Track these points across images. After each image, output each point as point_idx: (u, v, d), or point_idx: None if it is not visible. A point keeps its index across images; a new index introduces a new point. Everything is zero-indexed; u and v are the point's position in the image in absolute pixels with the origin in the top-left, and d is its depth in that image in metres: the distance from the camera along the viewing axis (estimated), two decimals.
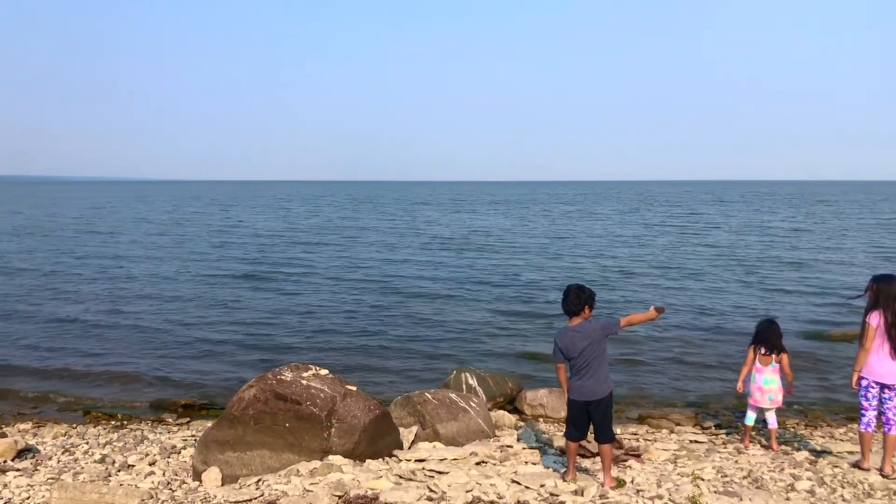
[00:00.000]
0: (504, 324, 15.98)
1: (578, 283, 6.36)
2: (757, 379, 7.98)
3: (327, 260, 27.69)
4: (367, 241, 35.37)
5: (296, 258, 28.33)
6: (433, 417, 8.26)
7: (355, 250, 31.13)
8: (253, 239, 37.11)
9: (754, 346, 8.01)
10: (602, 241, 35.90)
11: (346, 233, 41.27)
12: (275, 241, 36.20)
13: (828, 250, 30.31)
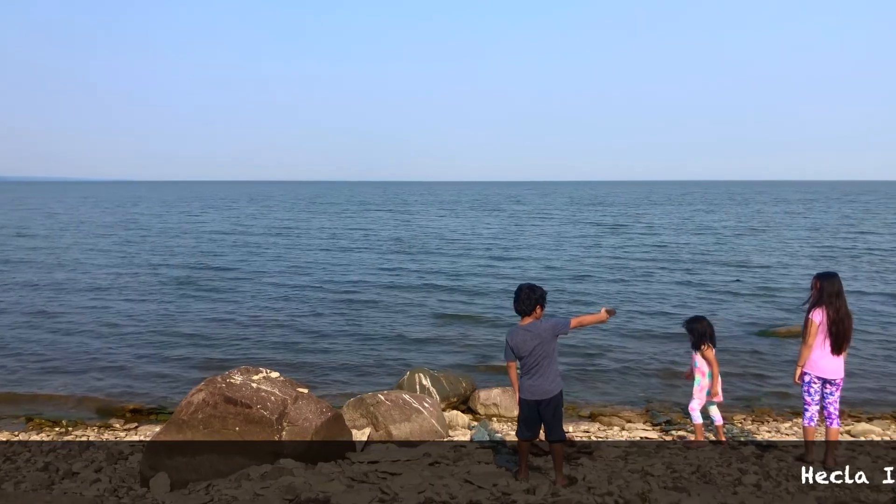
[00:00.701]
0: (457, 324, 16.00)
1: (530, 283, 6.40)
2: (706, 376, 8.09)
3: (276, 263, 27.30)
4: (317, 244, 34.91)
5: (243, 261, 27.86)
6: (386, 419, 8.23)
7: (305, 253, 30.73)
8: (198, 241, 36.41)
9: (711, 345, 8.07)
10: (551, 240, 36.13)
11: (295, 235, 40.71)
12: (220, 243, 35.54)
13: (775, 251, 30.95)
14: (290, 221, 52.55)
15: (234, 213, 63.49)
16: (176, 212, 67.15)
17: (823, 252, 30.09)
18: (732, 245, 33.24)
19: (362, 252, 30.89)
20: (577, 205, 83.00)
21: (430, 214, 63.55)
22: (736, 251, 30.47)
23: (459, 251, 31.18)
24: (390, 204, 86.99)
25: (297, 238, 37.99)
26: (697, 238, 37.04)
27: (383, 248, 32.63)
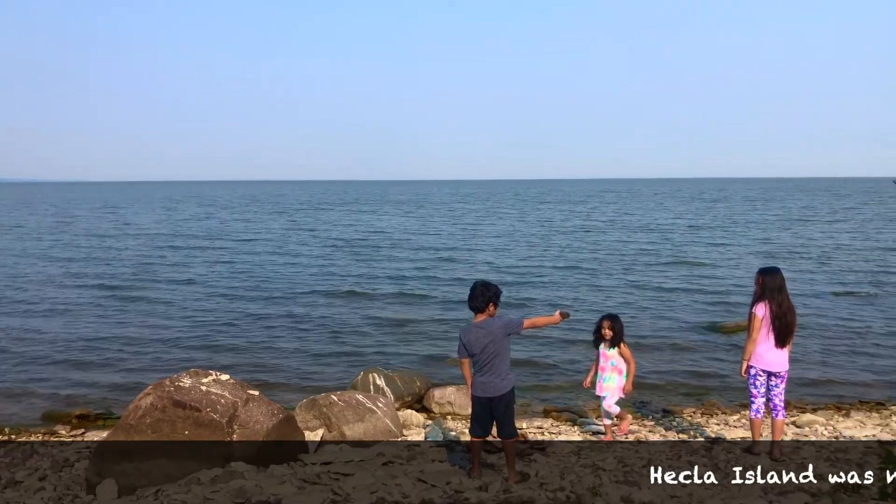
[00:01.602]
0: (410, 323, 15.97)
1: (484, 280, 6.43)
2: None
3: (227, 264, 26.92)
4: (264, 246, 34.25)
5: (189, 263, 27.37)
6: (339, 419, 8.19)
7: (252, 255, 30.16)
8: (143, 243, 35.52)
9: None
10: (503, 240, 36.26)
11: (248, 236, 39.92)
12: (166, 244, 34.71)
13: (721, 247, 31.56)
14: (237, 223, 51.27)
15: (177, 215, 61.90)
16: (120, 213, 65.65)
17: (769, 248, 30.77)
18: (677, 242, 33.71)
19: (311, 254, 30.52)
20: (527, 203, 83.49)
21: (382, 214, 63.26)
22: (682, 248, 30.94)
23: (410, 251, 31.06)
24: (344, 203, 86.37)
25: (245, 240, 37.27)
26: (644, 236, 37.52)
27: (333, 249, 32.27)
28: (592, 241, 35.20)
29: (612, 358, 7.94)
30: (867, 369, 12.12)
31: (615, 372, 7.94)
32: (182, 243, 35.31)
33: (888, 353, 13.16)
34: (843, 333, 14.60)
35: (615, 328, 7.91)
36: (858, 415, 9.73)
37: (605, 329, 7.93)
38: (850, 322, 15.62)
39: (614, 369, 7.94)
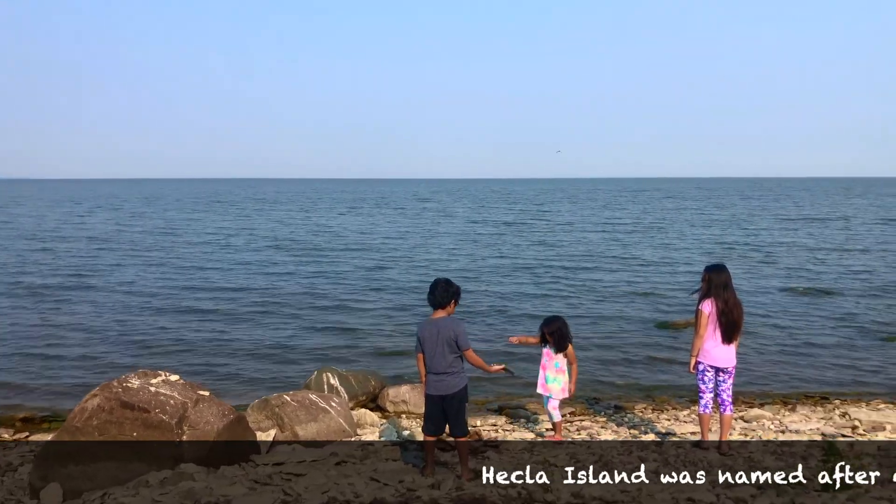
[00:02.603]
0: (365, 322, 15.90)
1: (447, 278, 6.44)
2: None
3: (177, 263, 26.50)
4: (212, 245, 33.52)
5: (131, 263, 26.62)
6: (292, 419, 8.12)
7: (206, 254, 29.73)
8: (86, 244, 34.25)
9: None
10: (452, 238, 36.26)
11: (191, 234, 39.01)
12: (109, 244, 33.66)
13: (671, 247, 32.04)
14: (183, 222, 49.79)
15: (121, 214, 60.01)
16: (59, 212, 63.87)
17: (717, 246, 31.37)
18: (627, 242, 34.09)
19: (262, 251, 30.18)
20: (484, 202, 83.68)
21: (334, 213, 62.71)
22: (631, 248, 31.32)
23: (365, 250, 30.90)
24: (293, 202, 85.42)
25: (193, 239, 36.56)
26: (596, 235, 37.84)
27: (277, 249, 31.63)
28: (544, 240, 35.26)
29: (556, 359, 7.85)
30: (812, 365, 12.42)
31: (560, 373, 7.85)
32: (119, 244, 33.95)
33: (832, 348, 13.51)
34: (789, 329, 14.94)
35: (553, 332, 7.78)
36: (804, 409, 9.97)
37: (546, 335, 7.84)
38: (795, 318, 16.00)
39: (559, 371, 7.85)
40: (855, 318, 16.05)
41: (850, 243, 32.08)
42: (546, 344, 7.91)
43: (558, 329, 7.81)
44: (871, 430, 8.69)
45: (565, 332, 7.82)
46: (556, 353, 7.84)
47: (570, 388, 7.91)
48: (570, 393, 7.98)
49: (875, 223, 44.77)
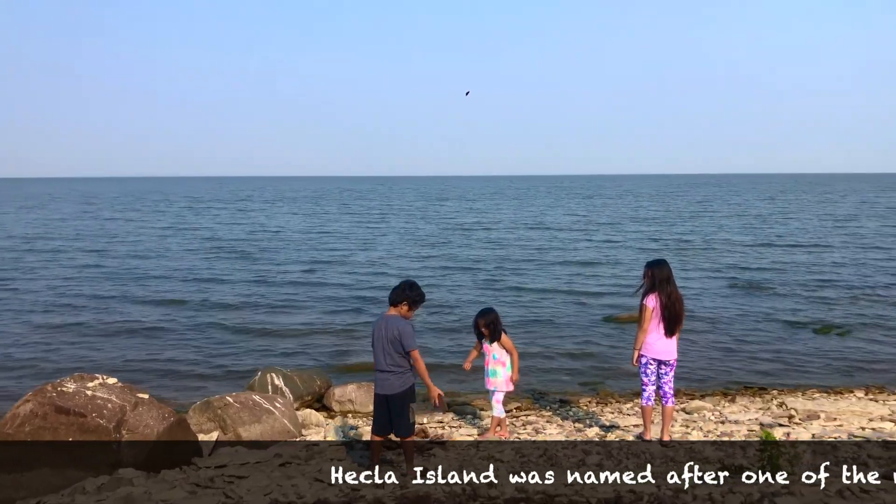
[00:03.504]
0: (311, 322, 15.74)
1: (413, 280, 6.46)
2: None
3: (112, 262, 25.83)
4: (158, 244, 32.69)
5: (59, 262, 25.98)
6: (235, 421, 7.99)
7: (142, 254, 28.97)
8: (12, 244, 33.10)
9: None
10: (402, 238, 36.06)
11: (125, 236, 37.26)
12: (38, 245, 32.45)
13: (613, 244, 32.49)
14: (117, 223, 47.66)
15: (50, 214, 57.39)
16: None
17: (657, 242, 31.96)
18: (569, 239, 34.28)
19: (201, 252, 29.47)
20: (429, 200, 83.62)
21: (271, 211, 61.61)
22: (573, 245, 31.64)
23: (304, 250, 30.17)
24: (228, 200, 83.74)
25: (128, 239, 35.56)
26: (535, 233, 37.87)
27: (228, 247, 31.05)
28: (485, 239, 34.94)
29: (493, 351, 7.85)
30: (751, 357, 12.72)
31: (499, 365, 7.84)
32: (46, 245, 32.56)
33: (770, 340, 13.86)
34: (729, 322, 15.29)
35: (489, 324, 7.79)
36: (743, 400, 10.20)
37: (481, 326, 7.83)
38: (734, 311, 16.37)
39: (497, 362, 7.84)
40: (791, 310, 16.50)
41: (786, 238, 32.96)
42: (482, 338, 7.90)
43: (493, 320, 7.82)
44: (806, 418, 8.92)
45: (497, 324, 7.83)
46: (492, 343, 7.84)
47: (513, 377, 7.92)
48: (515, 381, 7.98)
49: (812, 219, 46.11)
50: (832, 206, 61.69)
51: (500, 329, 7.85)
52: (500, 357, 7.87)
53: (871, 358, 12.54)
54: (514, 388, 8.12)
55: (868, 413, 9.11)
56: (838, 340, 13.79)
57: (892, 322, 15.21)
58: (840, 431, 8.27)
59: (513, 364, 7.89)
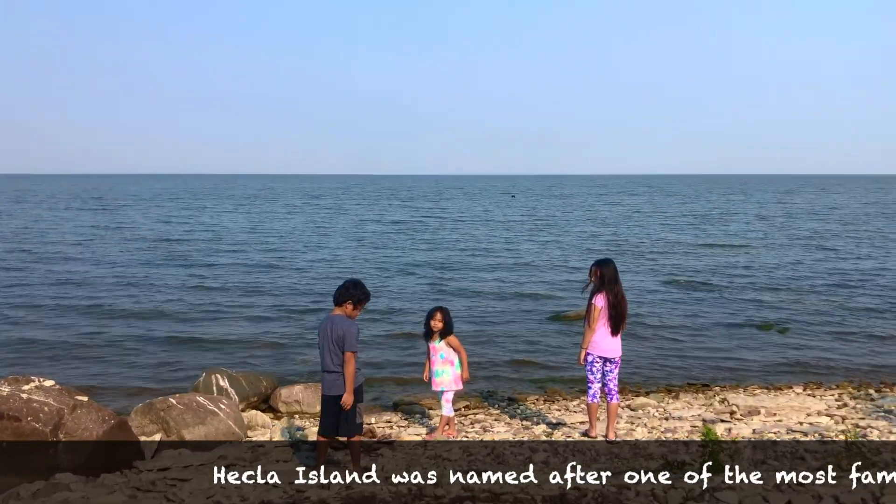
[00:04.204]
0: (257, 323, 15.53)
1: (357, 280, 6.41)
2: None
3: (47, 262, 24.94)
4: (97, 243, 31.54)
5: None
6: (178, 423, 7.84)
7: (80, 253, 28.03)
8: None
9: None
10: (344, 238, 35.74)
11: (78, 235, 35.89)
12: None
13: (556, 244, 32.78)
14: (52, 220, 46.22)
15: None
16: None
17: (602, 242, 32.38)
18: (516, 239, 34.41)
19: (143, 251, 28.67)
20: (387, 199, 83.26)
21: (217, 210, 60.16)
22: (520, 245, 31.83)
23: (248, 250, 29.54)
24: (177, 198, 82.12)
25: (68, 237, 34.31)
26: (482, 234, 37.75)
27: (169, 246, 30.24)
28: (430, 240, 34.32)
29: (440, 350, 7.80)
30: (694, 354, 12.98)
31: (447, 364, 7.81)
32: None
33: (713, 338, 14.15)
34: (673, 320, 15.57)
35: (446, 319, 7.80)
36: (687, 396, 10.39)
37: (436, 321, 7.77)
38: (677, 310, 16.69)
39: (445, 362, 7.81)
40: (732, 309, 16.87)
41: (728, 239, 33.69)
42: (431, 336, 7.86)
43: (443, 318, 7.80)
44: (747, 414, 9.13)
45: (450, 320, 7.84)
46: (440, 341, 7.80)
47: (463, 375, 7.91)
48: (465, 379, 7.98)
49: (753, 219, 47.23)
50: (774, 206, 63.24)
51: (452, 326, 7.86)
52: (448, 356, 7.85)
53: (810, 354, 12.89)
54: (463, 386, 8.13)
55: (806, 408, 9.36)
56: (778, 338, 14.14)
57: (829, 320, 15.66)
58: (779, 426, 8.49)
59: (462, 363, 7.88)
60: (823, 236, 34.37)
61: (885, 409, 9.32)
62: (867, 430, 8.29)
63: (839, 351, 13.16)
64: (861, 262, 24.88)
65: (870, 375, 11.57)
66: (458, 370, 7.87)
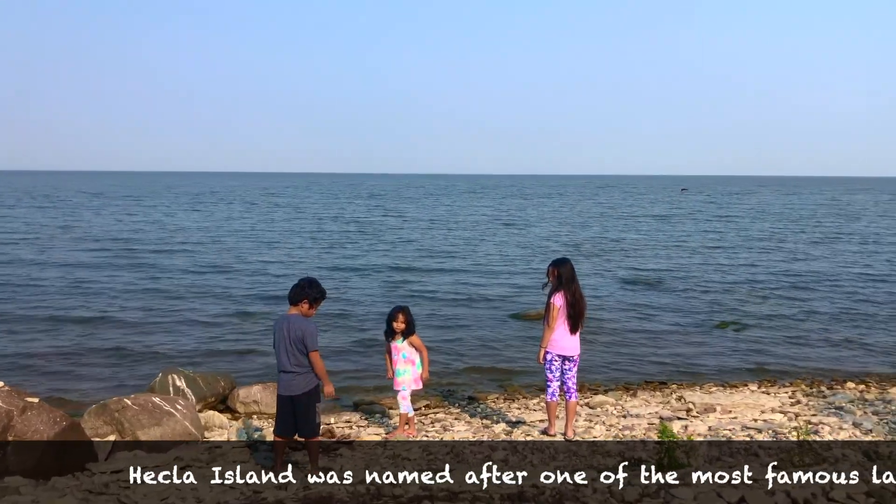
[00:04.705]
0: (214, 322, 15.31)
1: (313, 278, 6.41)
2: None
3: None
4: (45, 241, 30.65)
5: None
6: (133, 424, 7.70)
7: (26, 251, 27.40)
8: None
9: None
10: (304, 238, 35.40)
11: (22, 233, 34.77)
12: None
13: (516, 245, 32.94)
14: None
15: None
16: None
17: (559, 243, 32.63)
18: (476, 239, 34.32)
19: (93, 251, 27.89)
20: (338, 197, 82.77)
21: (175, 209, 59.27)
22: (481, 245, 31.90)
23: (203, 250, 28.72)
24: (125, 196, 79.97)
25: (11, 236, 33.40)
26: (441, 234, 37.56)
27: (122, 245, 29.51)
28: (390, 240, 33.78)
29: (402, 350, 7.79)
30: (652, 352, 13.13)
31: (408, 364, 7.81)
32: None
33: (670, 336, 14.35)
34: (630, 319, 15.76)
35: (407, 319, 7.78)
36: (644, 394, 10.51)
37: (399, 322, 7.75)
38: (635, 309, 16.88)
39: (407, 361, 7.81)
40: (689, 308, 17.13)
41: (686, 239, 34.18)
42: (392, 336, 7.83)
43: (405, 319, 7.77)
44: (703, 411, 9.28)
45: (411, 320, 7.83)
46: (403, 341, 7.78)
47: (423, 375, 7.91)
48: (425, 379, 7.97)
49: (710, 220, 47.99)
50: (731, 207, 64.29)
51: (413, 326, 7.85)
52: (410, 356, 7.84)
53: (765, 352, 13.13)
54: (423, 386, 8.12)
55: (760, 405, 9.54)
56: (734, 337, 14.37)
57: (784, 319, 15.96)
58: (734, 424, 8.64)
59: (423, 362, 7.89)
60: (780, 237, 35.01)
61: (836, 405, 9.55)
62: (819, 426, 8.48)
63: (793, 349, 13.42)
64: (815, 263, 25.40)
65: (822, 373, 11.82)
66: (419, 370, 7.86)
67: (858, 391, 10.52)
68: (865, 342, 13.93)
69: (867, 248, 30.39)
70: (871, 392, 10.46)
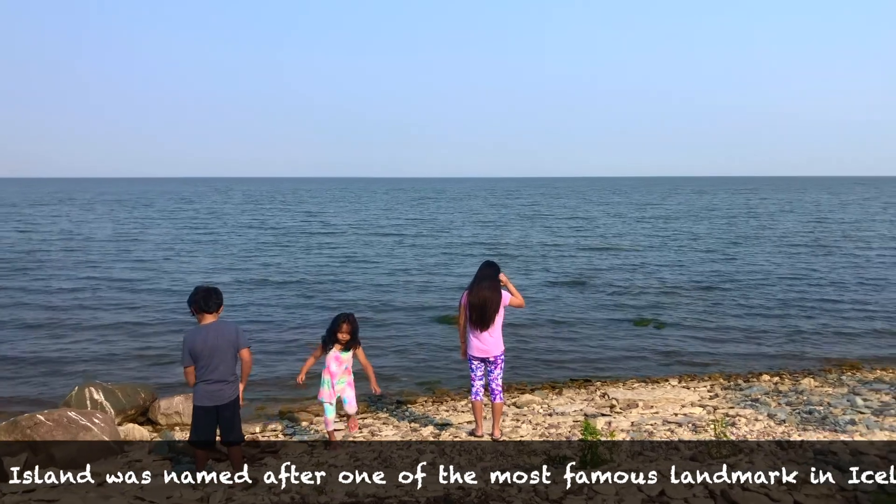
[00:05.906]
0: (131, 333, 14.80)
1: (212, 286, 6.32)
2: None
3: None
4: None
5: None
6: (47, 440, 7.42)
7: None
8: None
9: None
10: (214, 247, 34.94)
11: None
12: None
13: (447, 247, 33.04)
14: None
15: None
16: None
17: (487, 245, 32.90)
18: (390, 244, 34.16)
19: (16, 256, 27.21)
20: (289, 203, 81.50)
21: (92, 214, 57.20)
22: (407, 249, 31.96)
23: (117, 258, 27.67)
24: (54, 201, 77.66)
25: None
26: (363, 238, 37.29)
27: (29, 253, 28.43)
28: (306, 246, 32.74)
29: (345, 362, 7.57)
30: (577, 350, 13.36)
31: (347, 374, 7.60)
32: None
33: (593, 334, 14.61)
34: (554, 319, 15.97)
35: (352, 329, 7.50)
36: (569, 392, 10.68)
37: (343, 333, 7.45)
38: (560, 308, 17.15)
39: (346, 371, 7.60)
40: (610, 306, 17.50)
41: (610, 240, 34.87)
42: (331, 347, 7.54)
43: (350, 329, 7.48)
44: (626, 407, 9.49)
45: (356, 329, 7.56)
46: (346, 353, 7.55)
47: (375, 390, 7.74)
48: (377, 393, 7.91)
49: (634, 220, 49.08)
50: (654, 208, 65.87)
51: (356, 337, 7.59)
52: (348, 365, 7.61)
53: (684, 348, 13.50)
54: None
55: (681, 400, 9.81)
56: (655, 332, 14.74)
57: (701, 315, 16.43)
58: (656, 418, 8.86)
59: (370, 378, 7.73)
60: (701, 237, 35.98)
61: (752, 397, 9.89)
62: (736, 417, 8.77)
63: (712, 345, 13.82)
64: (734, 262, 26.18)
65: (739, 367, 12.21)
66: (352, 377, 7.69)
67: (773, 383, 10.92)
68: (778, 336, 14.46)
69: (782, 249, 31.38)
70: (785, 384, 10.87)
